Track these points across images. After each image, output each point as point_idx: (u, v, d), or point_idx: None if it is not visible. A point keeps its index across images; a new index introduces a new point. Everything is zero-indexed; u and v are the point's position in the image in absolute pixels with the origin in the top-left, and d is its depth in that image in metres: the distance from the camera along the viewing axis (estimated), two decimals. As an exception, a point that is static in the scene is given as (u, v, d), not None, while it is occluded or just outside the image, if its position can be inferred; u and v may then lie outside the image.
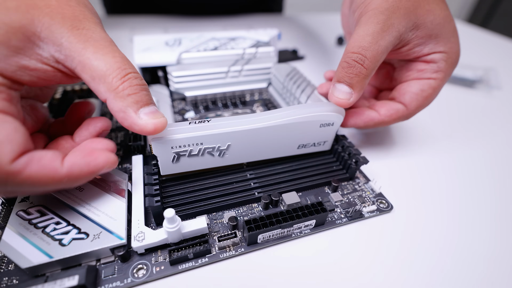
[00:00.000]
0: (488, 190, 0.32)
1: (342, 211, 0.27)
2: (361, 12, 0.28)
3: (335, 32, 0.73)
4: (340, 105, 0.27)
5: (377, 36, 0.26)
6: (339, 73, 0.27)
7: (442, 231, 0.27)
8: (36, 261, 0.20)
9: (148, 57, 0.38)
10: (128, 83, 0.21)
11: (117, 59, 0.21)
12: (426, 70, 0.30)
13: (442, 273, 0.24)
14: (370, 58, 0.26)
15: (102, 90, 0.20)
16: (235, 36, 0.44)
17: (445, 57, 0.30)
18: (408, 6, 0.27)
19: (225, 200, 0.27)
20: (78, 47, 0.20)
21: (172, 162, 0.26)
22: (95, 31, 0.21)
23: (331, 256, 0.24)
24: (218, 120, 0.25)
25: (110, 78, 0.20)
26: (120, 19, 0.74)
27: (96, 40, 0.20)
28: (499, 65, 0.62)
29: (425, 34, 0.29)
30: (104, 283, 0.21)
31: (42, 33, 0.19)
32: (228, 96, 0.42)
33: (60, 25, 0.19)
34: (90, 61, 0.20)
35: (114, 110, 0.21)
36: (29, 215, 0.22)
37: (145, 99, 0.22)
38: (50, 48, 0.20)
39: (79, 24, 0.20)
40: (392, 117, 0.31)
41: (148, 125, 0.21)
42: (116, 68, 0.20)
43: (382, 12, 0.27)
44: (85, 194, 0.24)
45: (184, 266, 0.22)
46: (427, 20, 0.28)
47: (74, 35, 0.20)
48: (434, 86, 0.30)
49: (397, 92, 0.32)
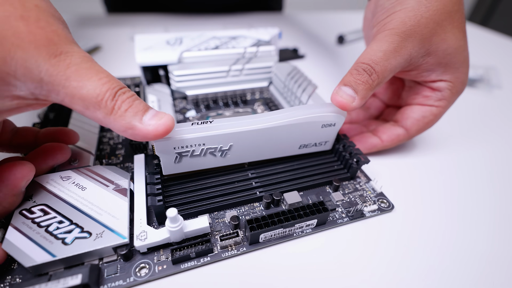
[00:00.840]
0: (489, 189, 0.32)
1: (344, 210, 0.28)
2: (379, 29, 0.29)
3: (336, 31, 0.73)
4: (342, 106, 0.27)
5: (388, 54, 0.27)
6: (347, 77, 0.27)
7: (443, 230, 0.27)
8: (39, 260, 0.20)
9: (149, 56, 0.38)
10: (121, 99, 0.20)
11: (103, 80, 0.19)
12: (431, 97, 0.32)
13: (443, 272, 0.24)
14: (378, 72, 0.27)
15: (100, 117, 0.20)
16: (236, 35, 0.44)
17: (450, 86, 0.31)
18: (424, 33, 0.27)
19: (227, 199, 0.27)
20: (61, 79, 0.18)
21: (174, 162, 0.26)
22: (73, 52, 0.19)
23: (333, 255, 0.25)
24: (220, 121, 0.25)
25: (103, 102, 0.19)
26: (120, 18, 0.74)
27: (76, 64, 0.19)
28: (499, 64, 0.62)
29: (435, 61, 0.29)
30: (107, 282, 0.21)
31: (18, 71, 0.17)
32: (229, 95, 0.42)
33: (36, 57, 0.17)
34: (77, 91, 0.18)
35: (120, 130, 0.20)
36: (32, 214, 0.22)
37: (141, 107, 0.21)
38: (29, 86, 0.18)
39: (55, 50, 0.18)
40: (393, 142, 0.34)
41: (159, 128, 0.21)
42: (106, 90, 0.19)
43: (398, 34, 0.27)
44: (88, 193, 0.24)
45: (186, 265, 0.23)
46: (440, 48, 0.28)
47: (53, 66, 0.18)
48: (436, 113, 0.32)
49: (400, 115, 0.34)
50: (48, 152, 0.25)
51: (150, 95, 0.36)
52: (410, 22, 0.27)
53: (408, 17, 0.27)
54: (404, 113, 0.34)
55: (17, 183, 0.22)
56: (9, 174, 0.21)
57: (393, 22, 0.28)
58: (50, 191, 0.24)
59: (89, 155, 0.29)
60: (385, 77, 0.27)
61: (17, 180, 0.21)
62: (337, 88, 0.27)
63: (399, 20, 0.28)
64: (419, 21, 0.27)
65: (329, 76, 0.54)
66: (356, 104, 0.27)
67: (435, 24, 0.28)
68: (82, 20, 0.72)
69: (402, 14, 0.28)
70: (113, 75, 0.21)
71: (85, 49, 0.55)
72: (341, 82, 0.27)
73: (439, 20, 0.28)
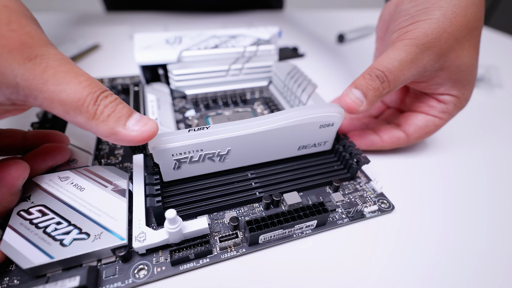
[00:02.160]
0: (489, 190, 0.32)
1: (344, 211, 0.27)
2: (399, 36, 0.29)
3: (336, 29, 0.73)
4: (350, 109, 0.27)
5: (404, 65, 0.27)
6: (359, 81, 0.27)
7: (443, 231, 0.27)
8: (37, 261, 0.20)
9: (148, 55, 0.38)
10: (103, 104, 0.19)
11: (84, 83, 0.19)
12: (435, 108, 0.32)
13: (444, 272, 0.24)
14: (390, 81, 0.27)
15: (81, 121, 0.19)
16: (236, 34, 0.44)
17: (455, 101, 0.31)
18: (443, 48, 0.27)
19: (226, 200, 0.26)
20: (38, 84, 0.17)
21: (173, 169, 0.26)
22: (49, 54, 0.18)
23: (333, 256, 0.24)
24: (217, 126, 0.25)
25: (85, 107, 0.19)
26: (120, 16, 0.73)
27: (54, 67, 0.18)
28: (500, 63, 0.61)
29: (446, 76, 0.29)
30: (105, 283, 0.21)
31: None
32: (229, 95, 0.41)
33: (10, 62, 0.17)
34: (56, 95, 0.18)
35: (104, 136, 0.20)
36: (30, 215, 0.22)
37: (125, 112, 0.21)
38: (5, 91, 0.18)
39: (30, 53, 0.17)
40: (393, 144, 0.34)
41: (143, 133, 0.21)
42: (86, 95, 0.19)
43: (417, 46, 0.27)
44: (86, 194, 0.24)
45: (185, 266, 0.22)
46: (454, 64, 0.28)
47: (29, 71, 0.17)
48: (438, 124, 0.32)
49: (404, 120, 0.34)
50: (48, 152, 0.25)
51: (149, 95, 0.36)
52: (432, 35, 0.27)
53: (431, 30, 0.27)
54: (408, 119, 0.34)
55: (14, 182, 0.21)
56: (4, 174, 0.21)
57: (415, 32, 0.27)
58: (48, 192, 0.24)
59: (87, 155, 0.29)
60: (396, 87, 0.28)
61: (13, 179, 0.21)
62: (348, 89, 0.27)
63: (421, 31, 0.27)
64: (441, 36, 0.27)
65: (329, 75, 0.54)
66: (363, 109, 0.27)
67: (455, 40, 0.27)
68: (81, 18, 0.72)
69: (425, 25, 0.27)
70: (112, 74, 0.20)
71: (84, 47, 0.55)
72: (353, 84, 0.27)
73: (460, 37, 0.27)
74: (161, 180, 0.27)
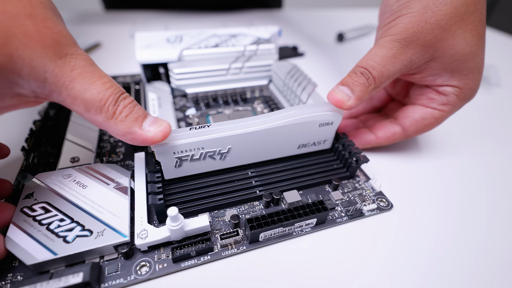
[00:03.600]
0: (487, 189, 0.32)
1: (343, 209, 0.28)
2: (383, 33, 0.29)
3: (335, 28, 0.73)
4: (338, 103, 0.27)
5: (386, 60, 0.27)
6: (345, 79, 0.28)
7: (441, 229, 0.27)
8: (41, 258, 0.20)
9: (149, 54, 0.38)
10: (122, 105, 0.21)
11: (107, 85, 0.20)
12: (435, 100, 0.31)
13: (442, 271, 0.24)
14: (374, 77, 0.27)
15: (100, 120, 0.20)
16: (236, 33, 0.44)
17: (457, 92, 0.30)
18: (428, 39, 0.27)
19: (227, 198, 0.27)
20: (65, 81, 0.18)
21: (175, 166, 0.26)
22: (78, 54, 0.19)
23: (332, 254, 0.25)
24: (218, 124, 0.26)
25: (106, 107, 0.20)
26: (120, 15, 0.74)
27: (81, 67, 0.19)
28: (498, 62, 0.62)
29: (440, 67, 0.29)
30: (108, 280, 0.21)
31: (23, 70, 0.17)
32: (229, 93, 0.42)
33: (42, 57, 0.18)
34: (80, 93, 0.19)
35: (120, 135, 0.21)
36: (34, 212, 0.22)
37: (141, 113, 0.22)
38: (32, 85, 0.18)
39: (61, 51, 0.18)
40: (389, 139, 0.34)
41: (158, 134, 0.22)
42: (109, 95, 0.20)
43: (399, 41, 0.27)
44: (89, 191, 0.24)
45: (187, 263, 0.23)
46: (446, 54, 0.28)
47: (58, 67, 0.18)
48: (437, 117, 0.31)
49: (401, 113, 0.33)
50: None
51: (150, 93, 0.36)
52: (412, 29, 0.27)
53: (411, 23, 0.27)
54: (405, 112, 0.33)
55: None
56: None
57: (396, 27, 0.27)
58: (51, 189, 0.24)
59: (89, 153, 0.29)
60: (382, 82, 0.27)
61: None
62: (335, 87, 0.28)
63: (402, 26, 0.27)
64: (422, 28, 0.26)
65: (329, 74, 0.54)
66: (352, 103, 0.27)
67: (441, 29, 0.27)
68: (82, 16, 0.72)
69: (406, 20, 0.27)
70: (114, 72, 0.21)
71: (85, 46, 0.55)
72: (340, 82, 0.28)
73: (447, 25, 0.27)
74: (163, 178, 0.27)
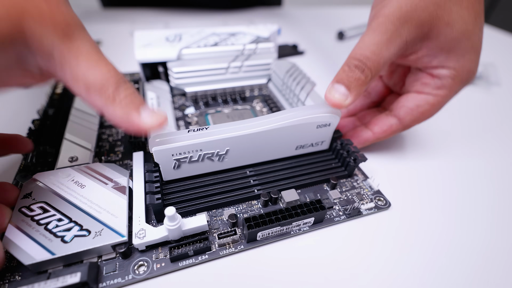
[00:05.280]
0: (486, 187, 0.32)
1: (341, 208, 0.28)
2: (375, 14, 0.28)
3: (335, 26, 0.73)
4: (336, 105, 0.27)
5: (381, 46, 0.26)
6: (340, 75, 0.27)
7: (439, 228, 0.27)
8: (39, 257, 0.20)
9: (148, 52, 0.38)
10: (123, 90, 0.21)
11: (111, 70, 0.21)
12: (429, 84, 0.30)
13: (439, 269, 0.24)
14: (370, 68, 0.26)
15: (99, 103, 0.20)
16: (235, 31, 0.44)
17: (452, 74, 0.28)
18: (422, 18, 0.26)
19: (225, 197, 0.27)
20: (71, 60, 0.19)
21: (173, 168, 0.26)
22: (85, 39, 0.20)
23: (330, 253, 0.25)
24: (216, 126, 0.26)
25: (107, 90, 0.20)
26: (120, 13, 0.73)
27: (87, 51, 0.20)
28: (498, 60, 0.61)
29: (435, 46, 0.27)
30: (106, 279, 0.21)
31: (33, 45, 0.18)
32: (228, 92, 0.42)
33: (52, 35, 0.18)
34: (83, 74, 0.19)
35: (117, 118, 0.21)
36: (32, 212, 0.23)
37: (139, 101, 0.22)
38: (38, 60, 0.19)
39: (71, 33, 0.19)
40: (386, 133, 0.32)
41: (154, 122, 0.22)
42: (111, 79, 0.20)
43: (392, 22, 0.26)
44: (87, 191, 0.24)
45: (185, 263, 0.23)
46: (441, 32, 0.26)
47: (66, 47, 0.19)
48: (432, 102, 0.30)
49: (396, 104, 0.32)
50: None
51: (149, 92, 0.36)
52: (406, 7, 0.25)
53: (405, 1, 0.26)
54: (399, 102, 0.32)
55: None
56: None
57: (389, 6, 0.26)
58: (49, 189, 0.24)
59: (88, 152, 0.29)
60: (379, 70, 0.27)
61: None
62: (330, 85, 0.27)
63: (395, 5, 0.26)
64: (416, 5, 0.25)
65: (329, 72, 0.54)
66: (350, 101, 0.26)
67: (436, 6, 0.25)
68: (81, 14, 0.71)
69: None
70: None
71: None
72: (335, 78, 0.27)
73: (442, 2, 0.26)
74: (161, 178, 0.27)
